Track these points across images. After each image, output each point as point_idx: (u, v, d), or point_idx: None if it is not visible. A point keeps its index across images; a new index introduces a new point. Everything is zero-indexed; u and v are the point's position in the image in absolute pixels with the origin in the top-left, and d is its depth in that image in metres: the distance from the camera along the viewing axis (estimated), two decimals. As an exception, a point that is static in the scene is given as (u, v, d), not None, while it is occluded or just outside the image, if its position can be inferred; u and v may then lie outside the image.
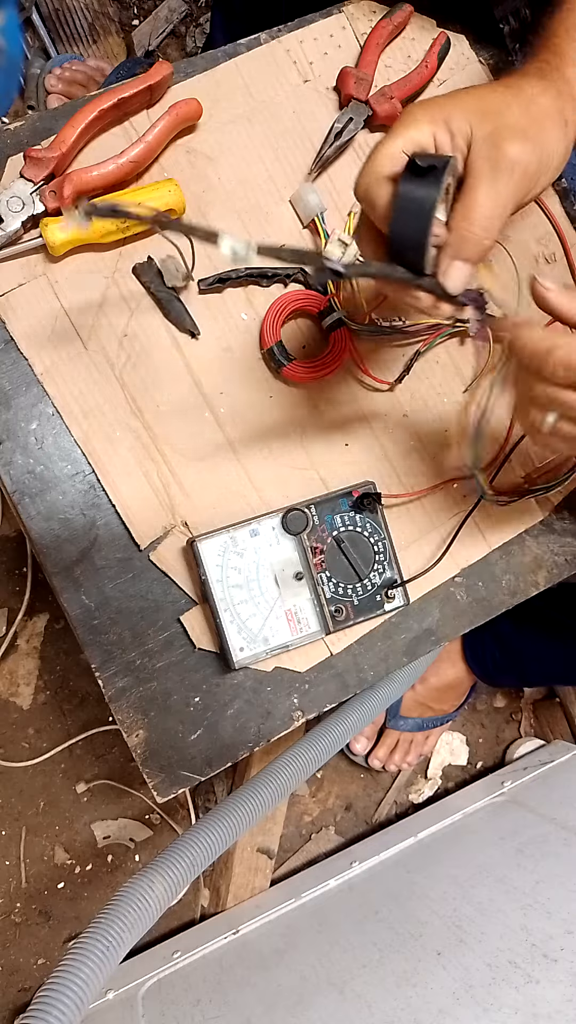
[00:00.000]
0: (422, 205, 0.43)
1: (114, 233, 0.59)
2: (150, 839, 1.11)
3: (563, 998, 0.65)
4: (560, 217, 0.70)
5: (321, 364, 0.63)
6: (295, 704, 0.64)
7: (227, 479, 0.63)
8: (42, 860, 1.07)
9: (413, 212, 0.44)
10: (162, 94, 0.63)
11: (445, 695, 1.13)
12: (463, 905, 0.81)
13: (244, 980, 0.82)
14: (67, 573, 0.60)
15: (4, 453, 0.59)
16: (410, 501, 0.66)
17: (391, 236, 0.45)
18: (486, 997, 0.67)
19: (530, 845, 0.89)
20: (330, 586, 0.61)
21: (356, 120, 0.65)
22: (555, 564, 0.70)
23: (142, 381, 0.62)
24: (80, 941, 0.52)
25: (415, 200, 0.43)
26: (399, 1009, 0.69)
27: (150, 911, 0.55)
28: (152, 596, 0.61)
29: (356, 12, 0.68)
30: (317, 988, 0.76)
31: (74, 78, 1.14)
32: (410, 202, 0.44)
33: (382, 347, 0.66)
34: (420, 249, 0.44)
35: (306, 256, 0.44)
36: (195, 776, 0.61)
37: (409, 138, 0.45)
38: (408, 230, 0.44)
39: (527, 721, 1.25)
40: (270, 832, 1.07)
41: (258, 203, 0.65)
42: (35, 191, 0.58)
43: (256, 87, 0.65)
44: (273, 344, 0.62)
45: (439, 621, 0.67)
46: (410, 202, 0.44)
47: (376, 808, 1.18)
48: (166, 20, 1.26)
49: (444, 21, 0.69)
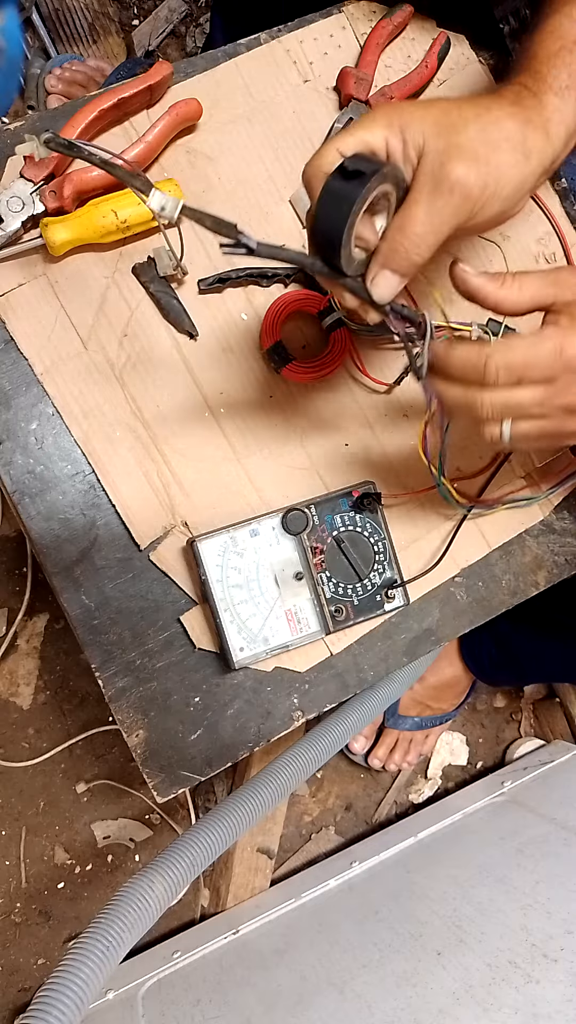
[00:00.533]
0: (340, 205, 0.43)
1: (114, 233, 0.59)
2: (150, 839, 1.11)
3: (563, 998, 0.65)
4: (560, 217, 0.70)
5: (321, 364, 0.63)
6: (295, 704, 0.64)
7: (227, 479, 0.63)
8: (42, 860, 1.07)
9: (332, 211, 0.44)
10: (162, 94, 0.63)
11: (443, 694, 1.13)
12: (463, 905, 0.81)
13: (244, 980, 0.82)
14: (67, 573, 0.60)
15: (4, 453, 0.59)
16: (410, 501, 0.66)
17: (312, 229, 0.46)
18: (486, 997, 0.67)
19: (530, 845, 0.89)
20: (330, 586, 0.61)
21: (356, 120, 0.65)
22: (555, 564, 0.70)
23: (142, 381, 0.62)
24: (80, 941, 0.52)
25: (336, 199, 0.44)
26: (399, 1009, 0.69)
27: (150, 911, 0.55)
28: (152, 596, 0.61)
29: (356, 12, 0.68)
30: (317, 988, 0.76)
31: (74, 78, 1.14)
32: (331, 200, 0.44)
33: (382, 348, 0.66)
34: (335, 247, 0.44)
35: (224, 226, 0.45)
36: (195, 776, 0.61)
37: (360, 138, 0.46)
38: (326, 227, 0.44)
39: (527, 721, 1.25)
40: (270, 832, 1.07)
41: (258, 203, 0.65)
42: (35, 191, 0.58)
43: (256, 87, 0.65)
44: (273, 344, 0.62)
45: (439, 621, 0.67)
46: (331, 200, 0.44)
47: (376, 808, 1.18)
48: (166, 20, 1.26)
49: (444, 21, 0.69)
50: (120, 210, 0.58)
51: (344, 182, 0.43)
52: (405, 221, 0.45)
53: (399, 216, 0.46)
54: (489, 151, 0.45)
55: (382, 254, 0.46)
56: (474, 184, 0.44)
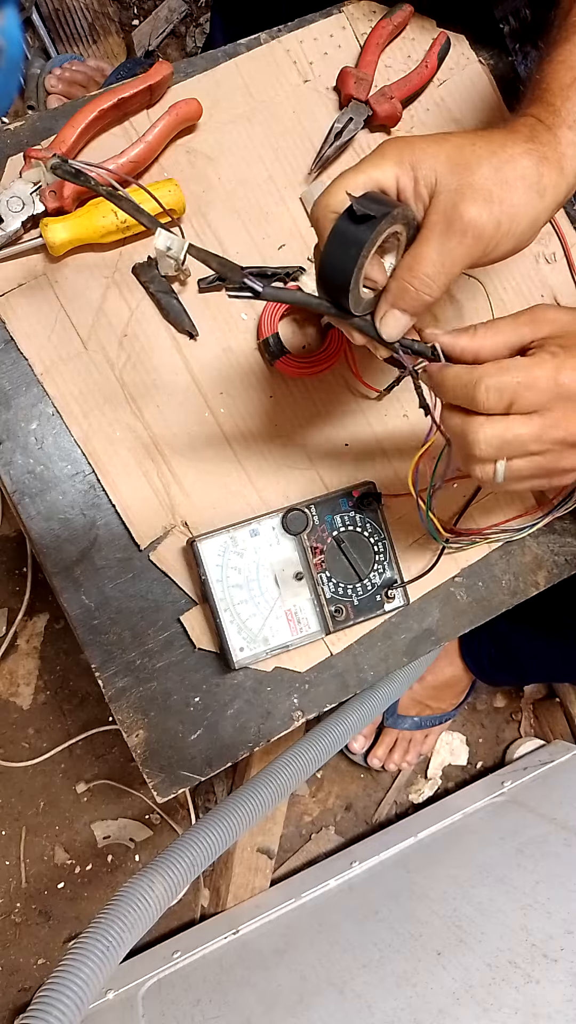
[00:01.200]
0: (349, 249, 0.43)
1: (114, 233, 0.59)
2: (150, 839, 1.11)
3: (563, 998, 0.65)
4: (560, 217, 0.70)
5: (315, 360, 0.63)
6: (295, 704, 0.64)
7: (227, 479, 0.63)
8: (42, 860, 1.07)
9: (341, 254, 0.43)
10: (162, 94, 0.63)
11: (443, 693, 1.13)
12: (463, 905, 0.81)
13: (244, 980, 0.82)
14: (67, 573, 0.60)
15: (4, 453, 0.59)
16: (410, 501, 0.66)
17: (320, 269, 0.45)
18: (486, 997, 0.67)
19: (530, 845, 0.89)
20: (330, 586, 0.61)
21: (356, 120, 0.65)
22: (555, 564, 0.70)
23: (142, 381, 0.62)
24: (80, 941, 0.52)
25: (344, 242, 0.43)
26: (399, 1009, 0.69)
27: (150, 911, 0.55)
28: (152, 596, 0.61)
29: (356, 12, 0.68)
30: (317, 988, 0.76)
31: (74, 78, 1.14)
32: (340, 243, 0.43)
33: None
34: (344, 289, 0.44)
35: (229, 268, 0.44)
36: (195, 776, 0.61)
37: (371, 176, 0.45)
38: (334, 269, 0.44)
39: (527, 721, 1.25)
40: (270, 832, 1.07)
41: (258, 203, 0.65)
42: (35, 191, 0.58)
43: (256, 87, 0.65)
44: (269, 336, 0.62)
45: (439, 621, 0.67)
46: (340, 243, 0.43)
47: (376, 808, 1.18)
48: (166, 20, 1.26)
49: (444, 21, 0.69)
50: (120, 210, 0.58)
51: (353, 225, 0.43)
52: (415, 261, 0.45)
53: (409, 255, 0.45)
54: (504, 191, 0.44)
55: (392, 293, 0.46)
56: (487, 224, 0.44)
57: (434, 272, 0.44)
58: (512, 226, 0.45)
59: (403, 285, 0.45)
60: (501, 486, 0.46)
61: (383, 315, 0.46)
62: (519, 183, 0.44)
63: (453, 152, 0.44)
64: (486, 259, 0.46)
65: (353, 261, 0.43)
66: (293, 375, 0.64)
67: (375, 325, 0.47)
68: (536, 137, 0.46)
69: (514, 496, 0.68)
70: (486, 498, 0.67)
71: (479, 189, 0.43)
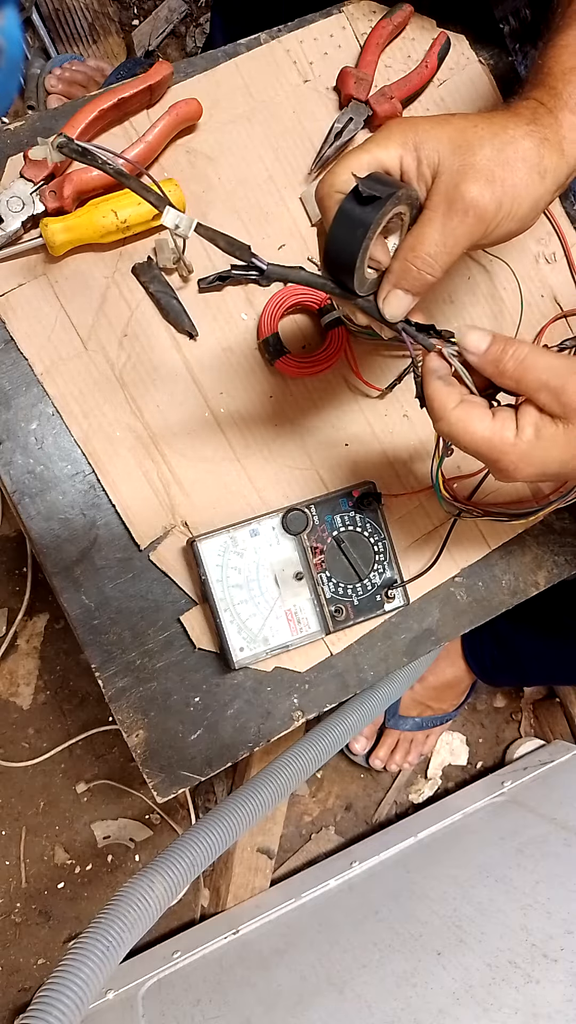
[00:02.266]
0: (355, 230, 0.43)
1: (114, 233, 0.59)
2: (150, 839, 1.11)
3: (563, 998, 0.65)
4: (560, 217, 0.70)
5: (315, 360, 0.63)
6: (295, 704, 0.64)
7: (227, 479, 0.63)
8: (42, 860, 1.07)
9: (346, 233, 0.44)
10: (162, 94, 0.63)
11: (444, 694, 1.13)
12: (463, 905, 0.81)
13: (244, 980, 0.82)
14: (67, 573, 0.60)
15: (4, 453, 0.59)
16: (410, 501, 0.66)
17: (325, 250, 0.45)
18: (486, 997, 0.67)
19: (530, 845, 0.89)
20: (330, 586, 0.61)
21: (356, 120, 0.65)
22: (555, 564, 0.70)
23: (142, 381, 0.62)
24: (80, 941, 0.52)
25: (350, 223, 0.44)
26: (399, 1009, 0.69)
27: (150, 911, 0.55)
28: (152, 596, 0.61)
29: (356, 12, 0.68)
30: (317, 988, 0.76)
31: (74, 78, 1.14)
32: (345, 223, 0.44)
33: (379, 351, 0.66)
34: (349, 269, 0.44)
35: (237, 247, 0.45)
36: (195, 776, 0.61)
37: (376, 157, 0.45)
38: (340, 249, 0.44)
39: (527, 721, 1.25)
40: (270, 832, 1.07)
41: (258, 203, 0.65)
42: (35, 191, 0.58)
43: (256, 87, 0.65)
44: (269, 335, 0.62)
45: (439, 621, 0.67)
46: (345, 223, 0.44)
47: (376, 808, 1.18)
48: (166, 20, 1.26)
49: (444, 21, 0.69)
50: (120, 210, 0.58)
51: (359, 206, 0.43)
52: (418, 241, 0.45)
53: (412, 235, 0.46)
54: (505, 171, 0.45)
55: (394, 273, 0.46)
56: (489, 205, 0.44)
57: (436, 252, 0.45)
58: (513, 207, 0.45)
59: (406, 265, 0.45)
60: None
61: (386, 295, 0.47)
62: (520, 164, 0.45)
63: (455, 133, 0.45)
64: (488, 240, 0.47)
65: (359, 242, 0.43)
66: (293, 375, 0.64)
67: (378, 306, 0.47)
68: (538, 119, 0.47)
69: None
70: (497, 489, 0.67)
71: (481, 169, 0.44)
